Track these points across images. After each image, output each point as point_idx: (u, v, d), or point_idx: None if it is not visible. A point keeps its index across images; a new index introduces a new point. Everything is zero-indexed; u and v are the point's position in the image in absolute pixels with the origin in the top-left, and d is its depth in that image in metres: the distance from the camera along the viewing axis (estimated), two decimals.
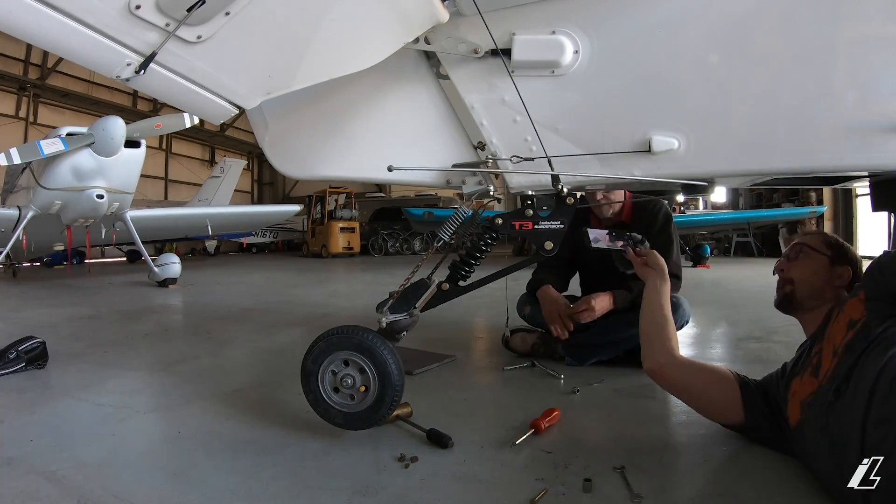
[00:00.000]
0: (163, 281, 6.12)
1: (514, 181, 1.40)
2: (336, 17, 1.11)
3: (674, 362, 1.38)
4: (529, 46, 1.27)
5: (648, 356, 1.42)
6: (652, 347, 1.42)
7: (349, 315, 3.84)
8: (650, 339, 1.43)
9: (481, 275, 1.45)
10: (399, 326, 1.40)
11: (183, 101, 1.15)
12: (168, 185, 17.57)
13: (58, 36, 0.96)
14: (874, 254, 1.38)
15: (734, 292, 5.10)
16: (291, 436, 1.44)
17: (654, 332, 1.43)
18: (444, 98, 1.43)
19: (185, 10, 0.96)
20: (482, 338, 2.91)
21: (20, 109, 13.41)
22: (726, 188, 10.66)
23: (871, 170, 1.30)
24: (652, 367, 1.40)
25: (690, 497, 1.10)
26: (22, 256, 7.74)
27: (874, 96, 1.16)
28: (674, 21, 1.23)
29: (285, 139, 1.49)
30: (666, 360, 1.38)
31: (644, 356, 1.44)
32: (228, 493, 1.13)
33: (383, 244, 15.25)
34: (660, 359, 1.39)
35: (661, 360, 1.39)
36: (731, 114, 1.26)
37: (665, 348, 1.40)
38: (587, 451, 1.32)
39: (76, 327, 3.38)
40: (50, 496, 1.12)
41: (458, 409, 1.67)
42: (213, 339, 2.98)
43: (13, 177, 6.99)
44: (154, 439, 1.51)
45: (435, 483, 1.17)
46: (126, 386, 2.01)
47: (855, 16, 1.14)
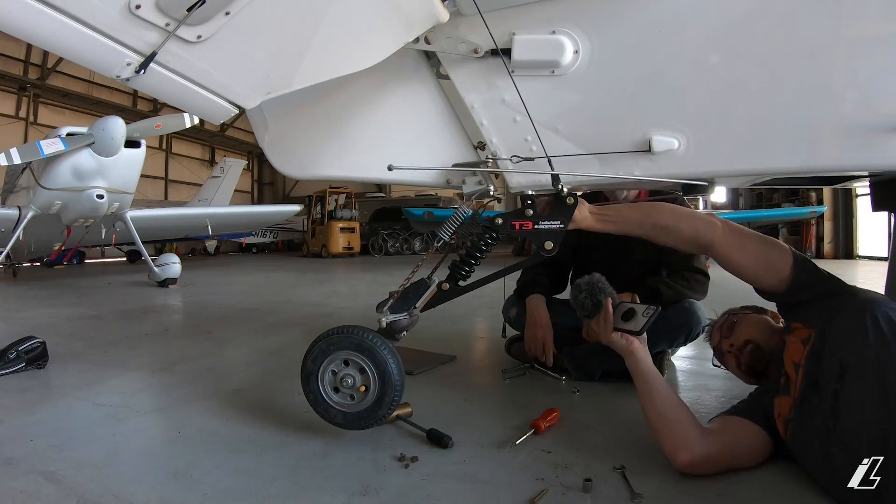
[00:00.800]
0: (163, 281, 6.12)
1: (514, 181, 1.40)
2: (336, 17, 1.11)
3: (708, 442, 1.18)
4: (529, 46, 1.27)
5: (679, 449, 1.18)
6: (677, 438, 1.19)
7: (349, 315, 3.84)
8: (670, 428, 1.21)
9: (481, 275, 1.45)
10: (399, 326, 1.40)
11: (183, 101, 1.15)
12: (168, 185, 17.57)
13: (58, 36, 0.95)
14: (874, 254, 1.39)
15: (734, 292, 5.08)
16: (291, 436, 1.44)
17: (671, 417, 1.22)
18: (444, 98, 1.43)
19: (186, 9, 0.96)
20: (482, 338, 2.91)
21: (20, 109, 13.42)
22: (726, 188, 10.65)
23: (871, 170, 1.30)
24: (692, 460, 1.16)
25: (690, 497, 1.10)
26: (22, 256, 7.74)
27: (874, 96, 1.16)
28: (674, 21, 1.23)
29: (285, 139, 1.49)
30: (702, 446, 1.17)
31: (671, 449, 1.19)
32: (228, 493, 1.13)
33: (383, 244, 15.25)
34: (695, 447, 1.17)
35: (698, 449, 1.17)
36: (731, 114, 1.26)
37: (695, 432, 1.19)
38: (587, 451, 1.32)
39: (76, 327, 3.38)
40: (50, 496, 1.13)
41: (458, 409, 1.67)
42: (213, 339, 2.98)
43: (13, 177, 7.00)
44: (154, 439, 1.51)
45: (435, 483, 1.17)
46: (126, 386, 2.01)
47: (855, 16, 1.14)
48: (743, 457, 1.20)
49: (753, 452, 1.20)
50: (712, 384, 1.88)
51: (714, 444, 1.18)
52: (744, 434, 1.21)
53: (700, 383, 1.91)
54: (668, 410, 1.22)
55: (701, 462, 1.16)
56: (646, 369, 1.28)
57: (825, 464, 1.04)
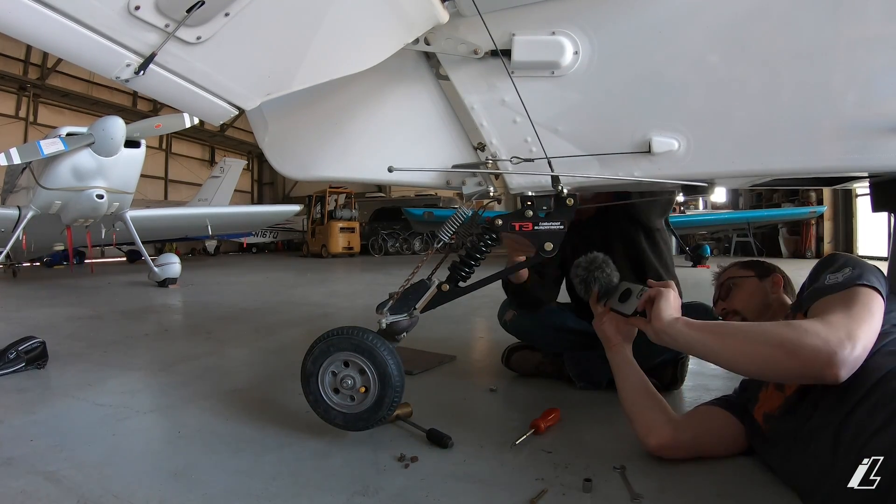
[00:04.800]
0: (163, 281, 6.12)
1: (513, 182, 1.40)
2: (336, 18, 1.11)
3: (677, 427, 1.24)
4: (529, 47, 1.27)
5: (650, 433, 1.24)
6: (647, 423, 1.26)
7: (349, 315, 3.85)
8: (643, 414, 1.28)
9: (482, 275, 1.45)
10: (399, 327, 1.40)
11: (182, 101, 1.15)
12: (168, 185, 17.56)
13: (57, 37, 0.95)
14: (874, 254, 1.39)
15: None
16: (291, 436, 1.44)
17: (643, 404, 1.29)
18: (443, 99, 1.43)
19: (185, 10, 0.96)
20: (482, 338, 2.91)
21: (20, 109, 13.41)
22: (726, 188, 10.66)
23: (871, 170, 1.30)
24: (660, 444, 1.23)
25: (690, 497, 1.10)
26: (22, 256, 7.75)
27: (874, 96, 1.16)
28: (674, 21, 1.23)
29: (285, 140, 1.49)
30: (671, 431, 1.23)
31: (643, 434, 1.26)
32: (228, 493, 1.14)
33: (383, 244, 15.26)
34: (664, 431, 1.23)
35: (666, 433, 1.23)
36: (731, 114, 1.26)
37: (664, 418, 1.25)
38: (587, 451, 1.32)
39: (76, 327, 3.38)
40: (50, 496, 1.13)
41: (458, 408, 1.67)
42: (213, 339, 2.98)
43: (13, 177, 6.99)
44: (154, 439, 1.51)
45: (435, 483, 1.17)
46: (126, 386, 2.01)
47: (855, 16, 1.14)
48: (712, 444, 1.24)
49: (723, 440, 1.24)
50: (712, 384, 1.88)
51: (682, 429, 1.24)
52: (712, 421, 1.26)
53: (700, 383, 1.91)
54: (641, 398, 1.30)
55: (669, 446, 1.22)
56: (622, 360, 1.36)
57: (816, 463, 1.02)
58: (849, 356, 0.94)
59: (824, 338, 0.95)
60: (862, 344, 0.96)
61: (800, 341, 0.96)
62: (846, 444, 0.93)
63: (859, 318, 0.99)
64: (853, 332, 0.96)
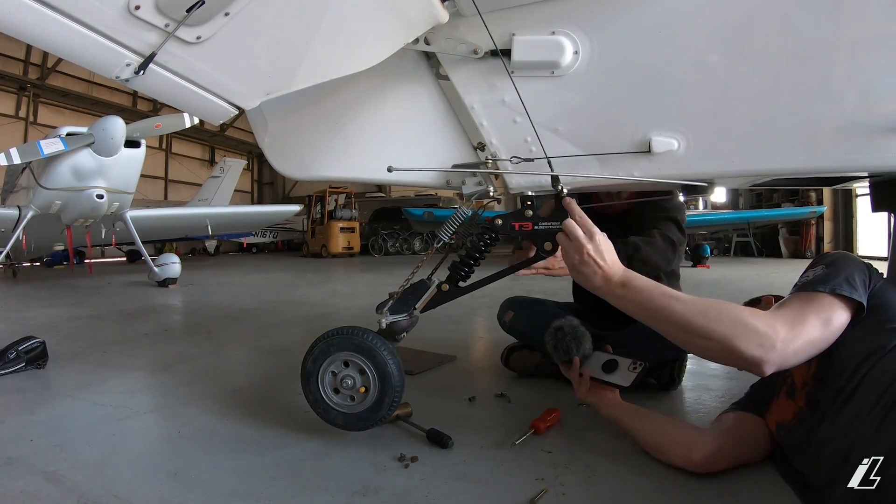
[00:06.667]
0: (163, 281, 6.12)
1: (513, 182, 1.40)
2: (335, 18, 1.11)
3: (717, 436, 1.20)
4: (529, 47, 1.27)
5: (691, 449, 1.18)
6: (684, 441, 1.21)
7: (349, 315, 3.85)
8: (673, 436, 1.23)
9: (481, 275, 1.45)
10: (399, 327, 1.40)
11: (182, 101, 1.15)
12: (168, 185, 17.57)
13: (57, 37, 0.95)
14: (874, 254, 1.38)
15: (734, 292, 5.10)
16: (291, 436, 1.44)
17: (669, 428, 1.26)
18: (443, 99, 1.42)
19: (185, 10, 0.96)
20: (482, 338, 2.91)
21: (20, 109, 13.43)
22: (726, 188, 10.66)
23: (871, 170, 1.30)
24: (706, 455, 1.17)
25: (690, 497, 1.10)
26: (22, 256, 7.74)
27: (874, 96, 1.16)
28: (674, 21, 1.23)
29: (285, 139, 1.49)
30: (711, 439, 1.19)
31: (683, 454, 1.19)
32: (228, 493, 1.14)
33: (383, 244, 15.26)
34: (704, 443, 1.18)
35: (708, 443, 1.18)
36: (731, 114, 1.26)
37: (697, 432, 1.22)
38: (587, 451, 1.32)
39: (76, 327, 3.38)
40: (50, 496, 1.13)
41: (458, 408, 1.67)
42: (213, 339, 2.98)
43: (13, 177, 6.99)
44: (154, 439, 1.51)
45: (435, 483, 1.17)
46: (126, 386, 2.01)
47: (855, 16, 1.14)
48: (752, 448, 1.20)
49: (760, 442, 1.20)
50: (712, 384, 1.88)
51: (721, 437, 1.19)
52: (746, 425, 1.22)
53: (700, 383, 1.91)
54: (662, 425, 1.28)
55: (715, 455, 1.16)
56: (624, 410, 1.36)
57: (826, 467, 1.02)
58: (775, 360, 0.98)
59: (756, 342, 0.98)
60: (793, 350, 0.99)
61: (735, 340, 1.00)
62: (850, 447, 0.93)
63: (802, 323, 1.01)
64: (788, 339, 0.99)
